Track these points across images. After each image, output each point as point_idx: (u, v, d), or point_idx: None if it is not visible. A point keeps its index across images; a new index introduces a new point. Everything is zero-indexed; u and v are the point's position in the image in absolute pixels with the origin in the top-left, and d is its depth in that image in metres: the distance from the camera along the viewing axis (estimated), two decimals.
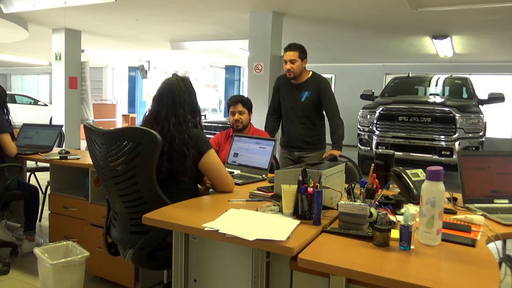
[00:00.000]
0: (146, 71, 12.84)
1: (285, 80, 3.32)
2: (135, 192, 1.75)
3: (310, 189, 1.52)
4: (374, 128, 6.37)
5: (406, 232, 1.29)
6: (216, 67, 14.83)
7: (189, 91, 1.97)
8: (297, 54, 3.14)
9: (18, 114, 11.50)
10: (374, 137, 6.34)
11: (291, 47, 3.18)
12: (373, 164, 2.00)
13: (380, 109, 6.36)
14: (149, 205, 1.74)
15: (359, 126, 6.64)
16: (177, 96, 1.91)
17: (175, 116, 1.87)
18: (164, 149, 1.80)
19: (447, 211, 1.73)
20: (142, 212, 1.64)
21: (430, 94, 7.26)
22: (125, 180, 1.75)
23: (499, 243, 1.58)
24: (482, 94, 6.95)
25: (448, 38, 7.20)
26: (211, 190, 2.10)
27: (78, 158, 2.94)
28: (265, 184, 2.23)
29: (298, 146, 3.31)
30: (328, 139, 3.28)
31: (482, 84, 9.43)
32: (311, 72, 3.29)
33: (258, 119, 5.48)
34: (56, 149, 3.34)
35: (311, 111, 3.25)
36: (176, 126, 1.86)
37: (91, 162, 2.02)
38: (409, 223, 1.29)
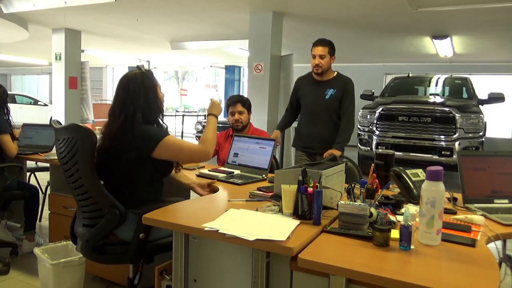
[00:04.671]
0: None
1: (307, 79, 3.28)
2: (81, 186, 1.80)
3: (310, 189, 1.52)
4: (374, 128, 6.36)
5: (406, 232, 1.29)
6: (216, 67, 14.84)
7: (146, 88, 1.86)
8: (327, 49, 3.08)
9: (18, 114, 11.49)
10: (374, 137, 6.34)
11: (321, 41, 3.10)
12: (373, 164, 2.00)
13: (380, 109, 6.35)
14: (95, 200, 1.79)
15: (359, 126, 6.63)
16: (131, 92, 1.84)
17: (125, 114, 1.81)
18: (112, 145, 1.82)
19: (447, 211, 1.73)
20: (90, 205, 1.79)
21: (430, 94, 7.25)
22: (71, 175, 1.81)
23: (499, 243, 1.58)
24: (482, 94, 6.94)
25: (448, 38, 7.20)
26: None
27: None
28: (265, 184, 2.23)
29: (318, 147, 3.17)
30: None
31: (482, 84, 9.42)
32: (336, 72, 3.22)
33: (258, 119, 5.51)
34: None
35: (335, 111, 3.14)
36: (122, 126, 1.81)
37: None
38: (409, 223, 1.29)
